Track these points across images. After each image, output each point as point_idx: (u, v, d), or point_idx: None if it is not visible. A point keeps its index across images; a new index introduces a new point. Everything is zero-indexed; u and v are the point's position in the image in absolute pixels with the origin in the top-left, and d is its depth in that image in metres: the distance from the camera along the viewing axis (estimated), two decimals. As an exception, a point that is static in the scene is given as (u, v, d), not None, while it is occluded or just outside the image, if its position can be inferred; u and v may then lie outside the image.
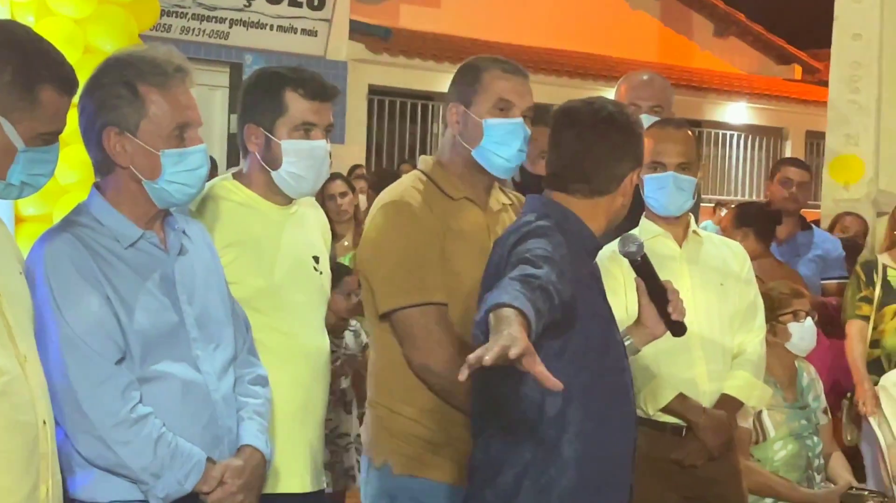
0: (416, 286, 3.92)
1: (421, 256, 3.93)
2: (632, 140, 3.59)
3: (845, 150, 8.81)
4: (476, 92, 4.05)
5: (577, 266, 3.41)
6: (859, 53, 8.78)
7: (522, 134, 4.05)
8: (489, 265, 3.51)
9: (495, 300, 2.85)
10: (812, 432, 5.92)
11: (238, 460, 3.42)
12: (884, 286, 6.52)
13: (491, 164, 4.06)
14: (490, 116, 4.03)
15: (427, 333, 3.90)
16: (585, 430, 3.42)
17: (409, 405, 3.98)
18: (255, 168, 3.95)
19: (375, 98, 17.16)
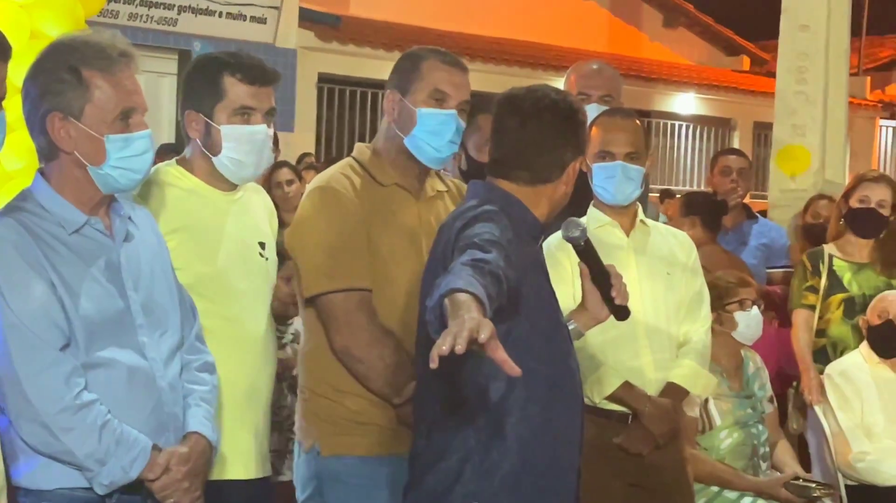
0: (339, 271, 3.95)
1: (345, 242, 3.96)
2: (574, 128, 3.60)
3: (792, 140, 8.86)
4: (413, 81, 4.08)
5: (523, 251, 3.43)
6: (806, 45, 8.83)
7: (455, 126, 4.08)
8: (435, 249, 3.52)
9: (449, 285, 2.86)
10: (758, 421, 5.96)
11: (184, 447, 3.41)
12: (830, 276, 6.55)
13: (421, 152, 4.09)
14: (425, 106, 4.06)
15: (349, 318, 3.94)
16: (529, 414, 3.44)
17: (335, 388, 4.02)
18: (197, 154, 3.95)
19: (325, 86, 17.09)
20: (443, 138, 4.06)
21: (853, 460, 6.04)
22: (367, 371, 3.93)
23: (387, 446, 3.97)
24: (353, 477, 3.98)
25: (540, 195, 3.56)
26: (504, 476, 3.41)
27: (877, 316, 6.25)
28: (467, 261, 3.03)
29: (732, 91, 21.85)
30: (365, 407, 3.97)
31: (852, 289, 6.52)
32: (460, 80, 4.11)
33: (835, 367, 6.32)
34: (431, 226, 4.06)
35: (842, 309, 6.52)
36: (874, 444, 6.07)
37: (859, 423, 6.13)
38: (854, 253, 6.60)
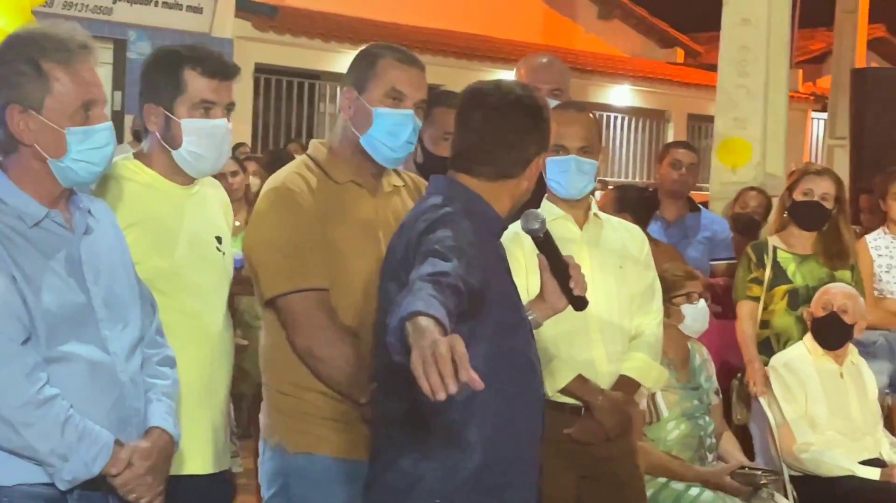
0: (297, 272, 3.93)
1: (301, 242, 3.94)
2: (538, 124, 3.59)
3: (733, 133, 8.92)
4: (370, 79, 4.04)
5: (485, 250, 3.43)
6: (748, 38, 8.89)
7: (412, 126, 4.05)
8: (394, 248, 3.49)
9: (409, 308, 2.86)
10: (704, 412, 6.01)
11: (146, 442, 3.39)
12: (774, 268, 6.61)
13: (377, 152, 4.06)
14: (381, 105, 4.02)
15: (308, 319, 3.91)
16: (493, 413, 3.43)
17: (298, 385, 4.00)
18: (156, 148, 3.93)
19: (262, 76, 17.04)
20: (399, 138, 4.03)
21: (797, 451, 6.11)
22: (330, 371, 3.91)
23: (352, 443, 3.95)
24: (320, 473, 3.96)
25: (502, 190, 3.56)
26: (467, 475, 3.41)
27: (821, 308, 6.31)
28: (427, 275, 3.03)
29: (667, 83, 22.02)
30: (329, 403, 3.95)
31: (796, 280, 6.59)
32: (417, 79, 4.07)
33: (779, 359, 6.38)
34: (389, 221, 4.06)
35: (786, 300, 6.59)
36: (818, 435, 6.15)
37: (803, 414, 6.20)
38: (797, 245, 6.67)
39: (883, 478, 6.01)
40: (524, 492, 3.56)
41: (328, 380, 3.93)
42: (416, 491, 3.40)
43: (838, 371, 6.31)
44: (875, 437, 6.29)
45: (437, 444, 3.40)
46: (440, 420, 3.39)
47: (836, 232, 6.64)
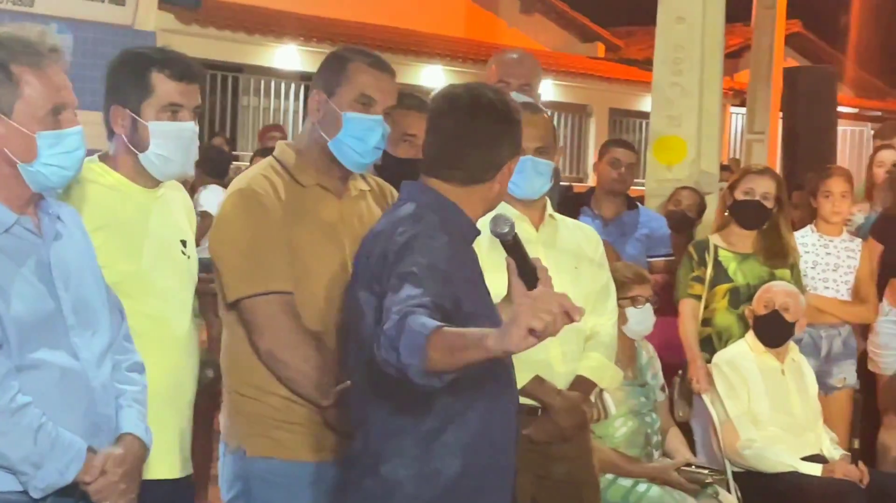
0: (261, 275, 3.91)
1: (266, 245, 3.92)
2: (511, 128, 3.60)
3: (668, 131, 8.97)
4: (340, 83, 4.03)
5: (460, 262, 3.44)
6: (682, 37, 8.95)
7: (381, 131, 4.05)
8: (369, 255, 3.47)
9: (431, 325, 3.01)
10: (651, 409, 6.07)
11: (119, 449, 3.36)
12: (715, 266, 6.67)
13: (345, 157, 4.05)
14: (351, 110, 4.01)
15: (272, 322, 3.90)
16: (472, 419, 3.45)
17: (259, 388, 3.98)
18: (122, 150, 3.90)
19: (185, 70, 16.89)
20: (368, 144, 4.02)
21: (740, 447, 6.17)
22: (293, 374, 3.90)
23: (313, 447, 3.95)
24: (280, 477, 3.95)
25: (474, 195, 3.56)
26: (446, 481, 3.42)
27: (763, 306, 6.39)
28: (411, 307, 3.11)
29: (589, 78, 22.11)
30: (290, 406, 3.95)
31: (737, 279, 6.65)
32: (388, 85, 4.07)
33: (722, 356, 6.44)
34: (354, 225, 4.06)
35: (727, 298, 6.65)
36: (760, 432, 6.22)
37: (746, 411, 6.27)
38: (738, 244, 6.73)
39: (824, 473, 6.09)
40: (500, 496, 3.58)
41: (291, 383, 3.92)
42: (395, 498, 3.41)
43: (780, 368, 6.39)
44: (816, 433, 6.38)
45: (416, 452, 3.41)
46: (420, 427, 3.39)
47: (776, 231, 6.71)
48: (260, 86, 18.29)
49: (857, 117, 24.86)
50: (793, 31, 23.80)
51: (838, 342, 7.17)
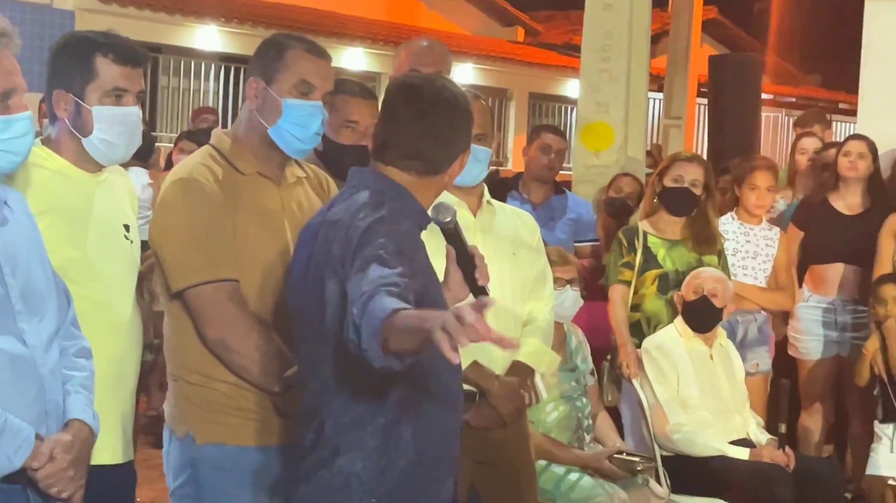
0: (207, 263, 3.90)
1: (210, 233, 3.91)
2: (468, 122, 3.64)
3: (596, 117, 9.04)
4: (278, 70, 4.02)
5: (420, 249, 3.47)
6: (610, 24, 9.02)
7: (321, 117, 4.05)
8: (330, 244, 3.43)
9: (390, 307, 3.00)
10: (581, 394, 6.13)
11: (67, 435, 3.35)
12: (644, 252, 6.73)
13: (286, 144, 4.05)
14: (290, 96, 4.01)
15: (220, 310, 3.89)
16: (425, 410, 3.47)
17: (206, 375, 3.98)
18: (65, 135, 3.87)
19: (103, 49, 16.72)
20: (308, 130, 4.03)
21: (670, 432, 6.25)
22: (243, 362, 3.89)
23: (264, 433, 3.95)
24: (231, 463, 3.94)
25: (429, 186, 3.59)
26: (399, 472, 3.44)
27: (692, 292, 6.47)
28: (377, 283, 3.12)
29: (509, 62, 22.17)
30: (239, 392, 3.94)
31: (666, 265, 6.72)
32: (326, 70, 4.08)
33: (651, 341, 6.51)
34: (293, 211, 4.06)
35: (656, 284, 6.71)
36: (690, 416, 6.29)
37: (675, 396, 6.34)
38: (667, 230, 6.80)
39: (752, 457, 6.18)
40: (450, 484, 3.61)
41: (242, 371, 3.91)
42: (351, 489, 3.42)
43: (708, 353, 6.47)
44: (743, 417, 6.47)
45: (373, 444, 3.42)
46: (377, 419, 3.41)
47: (704, 217, 6.78)
48: (179, 66, 18.15)
49: (773, 103, 25.15)
50: (709, 16, 24.02)
51: (754, 328, 7.26)
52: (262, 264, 3.96)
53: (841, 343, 7.62)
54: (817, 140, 8.76)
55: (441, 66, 5.68)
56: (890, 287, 6.98)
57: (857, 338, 7.52)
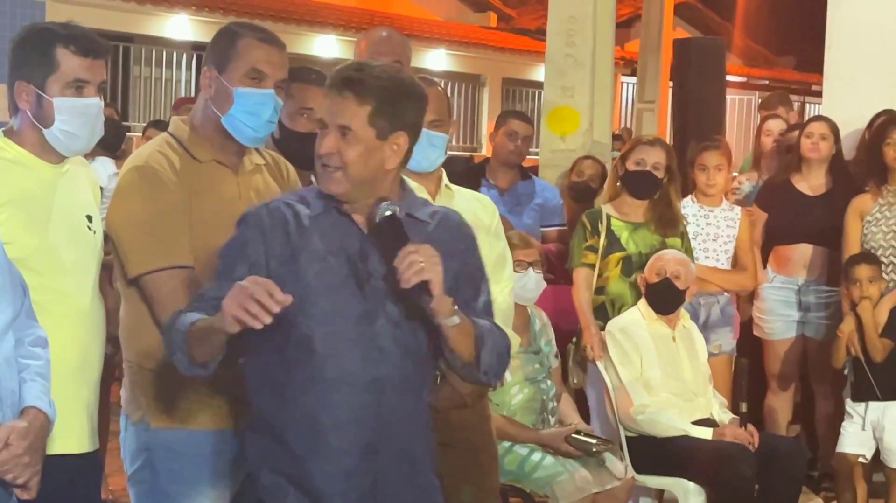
0: (162, 251, 3.94)
1: (165, 221, 3.95)
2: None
3: (562, 102, 9.09)
4: (230, 58, 4.05)
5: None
6: (574, 8, 9.06)
7: (273, 105, 4.06)
8: None
9: (188, 322, 3.50)
10: (546, 376, 6.19)
11: (22, 422, 3.37)
12: (608, 235, 6.78)
13: (239, 132, 4.07)
14: (241, 85, 4.03)
15: (174, 296, 3.91)
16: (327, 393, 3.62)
17: (160, 361, 3.98)
18: (27, 126, 3.91)
19: (75, 39, 16.70)
20: (260, 118, 4.05)
21: (634, 413, 6.31)
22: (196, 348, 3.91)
23: (217, 417, 4.00)
24: (185, 446, 3.99)
25: None
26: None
27: (654, 274, 6.52)
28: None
29: (482, 48, 22.20)
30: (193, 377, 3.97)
31: (629, 247, 6.77)
32: (278, 58, 4.09)
33: (615, 324, 6.57)
34: (251, 199, 4.09)
35: (620, 267, 6.77)
36: (653, 397, 6.35)
37: (639, 377, 6.40)
38: (630, 213, 6.86)
39: (715, 436, 6.25)
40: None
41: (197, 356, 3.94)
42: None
43: (671, 335, 6.53)
44: (706, 398, 6.53)
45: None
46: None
47: (666, 200, 6.84)
48: (151, 56, 18.14)
49: (745, 86, 25.22)
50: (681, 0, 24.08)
51: (716, 310, 7.30)
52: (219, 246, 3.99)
53: (806, 323, 7.68)
54: (782, 122, 8.82)
55: (400, 56, 5.70)
56: (863, 267, 7.03)
57: (822, 317, 7.59)
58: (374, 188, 3.53)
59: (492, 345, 3.52)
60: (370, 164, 3.49)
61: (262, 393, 3.56)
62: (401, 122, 3.52)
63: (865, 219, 7.32)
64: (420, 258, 3.35)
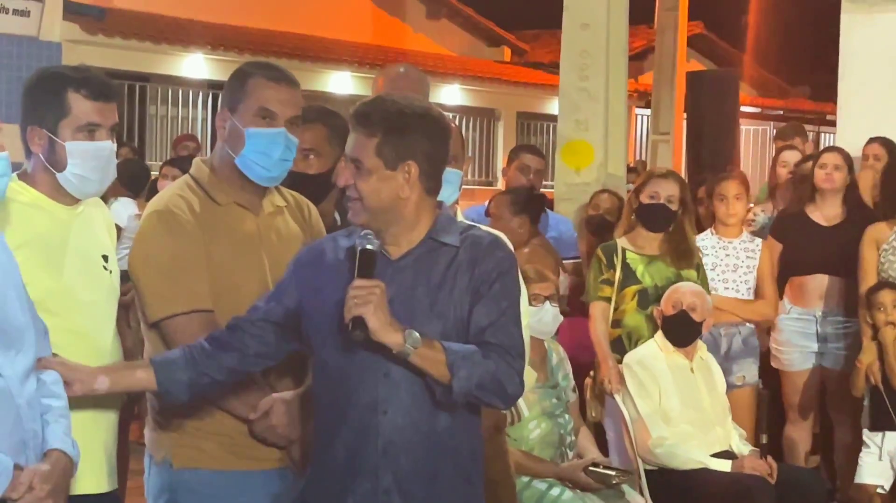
0: (182, 294, 3.96)
1: (185, 264, 3.97)
2: None
3: (576, 135, 9.13)
4: (240, 99, 4.07)
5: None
6: (587, 43, 9.11)
7: (284, 143, 4.07)
8: None
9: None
10: (563, 410, 6.17)
11: (45, 465, 3.40)
12: (623, 269, 6.79)
13: (252, 172, 4.09)
14: (252, 125, 4.05)
15: (194, 340, 3.91)
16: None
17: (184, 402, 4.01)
18: (40, 169, 3.93)
19: (91, 80, 16.78)
20: (271, 157, 4.05)
21: (652, 446, 6.30)
22: (217, 391, 3.93)
23: (240, 457, 4.01)
24: (207, 487, 4.00)
25: None
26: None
27: (671, 306, 6.53)
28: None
29: (496, 82, 22.26)
30: (216, 417, 4.00)
31: (645, 280, 6.78)
32: (288, 96, 4.10)
33: (632, 356, 6.57)
34: (272, 241, 4.12)
35: (636, 300, 6.78)
36: (671, 429, 6.35)
37: (657, 410, 6.39)
38: (645, 246, 6.87)
39: (734, 469, 6.24)
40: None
41: (216, 399, 3.97)
42: None
43: (688, 366, 6.53)
44: (725, 430, 6.52)
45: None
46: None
47: (681, 233, 6.86)
48: (167, 94, 18.24)
49: (759, 116, 25.24)
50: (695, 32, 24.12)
51: (738, 340, 7.31)
52: (239, 294, 4.01)
53: (823, 354, 7.67)
54: (798, 153, 8.83)
55: (418, 92, 5.71)
56: (886, 292, 7.03)
57: (840, 348, 7.58)
58: (396, 216, 3.62)
59: (468, 373, 3.52)
60: (384, 194, 3.58)
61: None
62: (408, 151, 3.59)
63: (882, 247, 7.32)
64: (359, 293, 3.46)
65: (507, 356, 3.59)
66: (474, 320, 3.59)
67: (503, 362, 3.58)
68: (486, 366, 3.54)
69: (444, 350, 3.51)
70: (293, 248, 4.12)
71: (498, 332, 3.60)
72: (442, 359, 3.51)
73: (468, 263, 3.62)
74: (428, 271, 3.62)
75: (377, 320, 3.45)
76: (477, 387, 3.54)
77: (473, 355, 3.54)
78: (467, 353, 3.54)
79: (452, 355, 3.52)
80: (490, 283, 3.62)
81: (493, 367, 3.55)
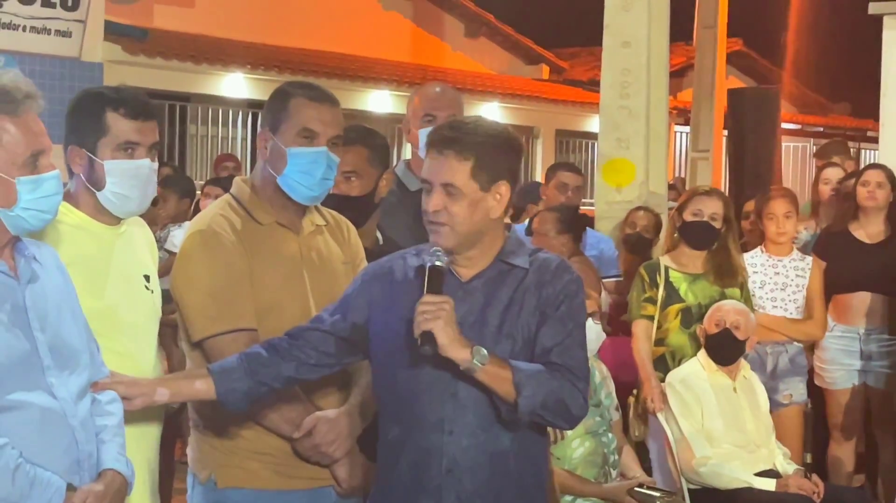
0: (224, 314, 3.98)
1: (227, 284, 3.99)
2: None
3: (617, 153, 9.12)
4: (282, 119, 4.10)
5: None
6: (629, 61, 9.11)
7: (325, 162, 4.09)
8: None
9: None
10: (606, 429, 6.15)
11: (99, 485, 3.42)
12: (667, 287, 6.79)
13: (294, 192, 4.11)
14: (294, 145, 4.07)
15: None
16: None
17: (227, 418, 4.03)
18: (81, 189, 3.96)
19: (132, 100, 16.88)
20: (314, 177, 4.08)
21: (696, 465, 6.28)
22: (260, 409, 3.96)
23: (282, 477, 4.03)
24: None
25: None
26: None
27: (714, 324, 6.51)
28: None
29: (534, 100, 22.26)
30: (261, 437, 4.02)
31: (688, 299, 6.77)
32: (329, 115, 4.13)
33: (675, 375, 6.55)
34: (313, 260, 4.14)
35: (679, 318, 6.76)
36: (715, 449, 6.32)
37: (700, 429, 6.37)
38: (688, 264, 6.86)
39: (779, 488, 6.20)
40: None
41: (260, 418, 3.99)
42: None
43: (732, 386, 6.50)
44: (769, 449, 6.49)
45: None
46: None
47: (725, 251, 6.84)
48: (208, 114, 18.31)
49: (799, 133, 25.15)
50: (734, 49, 24.06)
51: (784, 359, 7.29)
52: (282, 313, 4.03)
53: (867, 372, 7.63)
54: (840, 170, 8.80)
55: (454, 110, 5.74)
56: None
57: (884, 366, 7.55)
58: (482, 238, 3.66)
59: (533, 391, 3.53)
60: (476, 216, 3.63)
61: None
62: (500, 172, 3.64)
63: (926, 265, 7.29)
64: (429, 308, 3.50)
65: (571, 377, 3.61)
66: (540, 341, 3.62)
67: (568, 383, 3.59)
68: (551, 386, 3.55)
69: (511, 368, 3.53)
70: (334, 268, 4.16)
71: (563, 354, 3.62)
72: (508, 377, 3.53)
73: (536, 285, 3.65)
74: (497, 292, 3.66)
75: (446, 335, 3.48)
76: (542, 407, 3.55)
77: (539, 374, 3.55)
78: (533, 372, 3.55)
79: (519, 373, 3.53)
80: (557, 305, 3.65)
81: (557, 388, 3.56)
